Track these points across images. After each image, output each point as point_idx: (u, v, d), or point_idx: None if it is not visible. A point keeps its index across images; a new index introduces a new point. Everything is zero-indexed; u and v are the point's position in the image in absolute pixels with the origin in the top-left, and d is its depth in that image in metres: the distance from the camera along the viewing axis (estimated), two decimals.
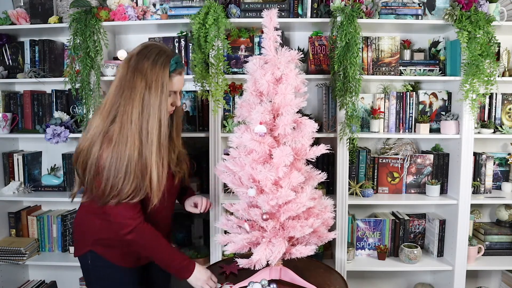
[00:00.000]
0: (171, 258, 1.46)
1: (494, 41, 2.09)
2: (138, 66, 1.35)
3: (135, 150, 1.32)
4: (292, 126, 1.42)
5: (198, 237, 2.47)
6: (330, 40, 2.19)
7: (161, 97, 1.34)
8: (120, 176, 1.32)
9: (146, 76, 1.33)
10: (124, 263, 1.52)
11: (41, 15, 2.26)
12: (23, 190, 2.43)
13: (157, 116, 1.34)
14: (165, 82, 1.35)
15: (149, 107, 1.33)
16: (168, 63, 1.37)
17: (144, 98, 1.32)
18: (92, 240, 1.50)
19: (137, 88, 1.33)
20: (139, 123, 1.33)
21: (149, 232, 1.43)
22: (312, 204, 1.44)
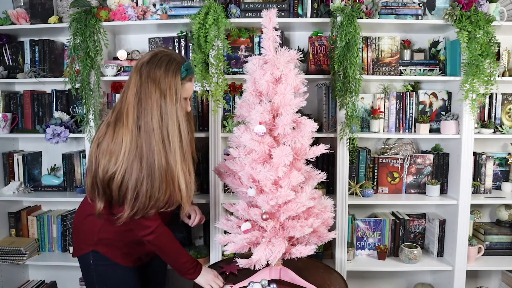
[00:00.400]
0: (184, 261, 1.51)
1: (494, 41, 2.09)
2: (150, 74, 1.35)
3: (162, 158, 1.34)
4: (291, 126, 1.42)
5: (198, 237, 2.47)
6: (330, 40, 2.19)
7: (177, 105, 1.36)
8: (156, 186, 1.34)
9: (160, 84, 1.34)
10: (125, 262, 1.54)
11: (41, 15, 2.26)
12: (23, 190, 2.43)
13: (176, 123, 1.36)
14: (178, 90, 1.37)
15: (167, 115, 1.34)
16: (179, 70, 1.38)
17: (161, 106, 1.34)
18: (95, 240, 1.51)
19: (153, 97, 1.34)
20: (160, 132, 1.34)
21: (167, 234, 1.47)
22: (312, 204, 1.44)
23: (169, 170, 1.35)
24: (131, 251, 1.55)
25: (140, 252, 1.59)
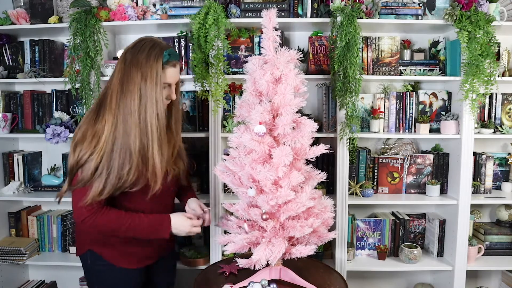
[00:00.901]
0: (142, 227, 1.43)
1: (494, 41, 2.09)
2: (133, 59, 1.39)
3: (137, 140, 1.35)
4: (291, 126, 1.42)
5: (198, 237, 2.47)
6: (330, 40, 2.19)
7: (156, 88, 1.38)
8: (127, 167, 1.35)
9: (141, 68, 1.37)
10: (123, 264, 1.51)
11: (41, 15, 2.26)
12: (23, 190, 2.43)
13: (154, 106, 1.37)
14: (159, 73, 1.38)
15: (146, 98, 1.36)
16: (161, 54, 1.40)
17: (141, 89, 1.36)
18: (90, 239, 1.50)
19: (134, 80, 1.36)
20: (137, 114, 1.36)
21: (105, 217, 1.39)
22: (312, 204, 1.44)
23: (143, 152, 1.36)
24: (130, 251, 1.51)
25: (141, 253, 1.54)
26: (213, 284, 1.61)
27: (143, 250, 1.54)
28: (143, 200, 1.44)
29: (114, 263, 1.50)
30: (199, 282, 1.62)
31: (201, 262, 2.31)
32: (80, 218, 1.38)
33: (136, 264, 1.55)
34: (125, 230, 1.41)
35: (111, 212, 1.41)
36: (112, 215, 1.40)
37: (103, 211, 1.39)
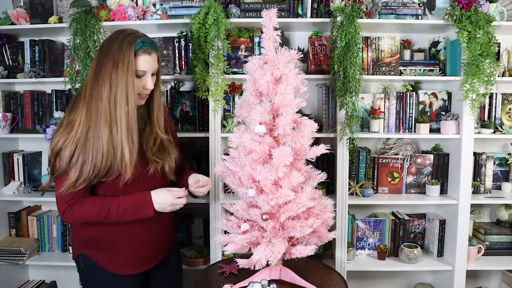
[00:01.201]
0: (124, 208, 1.40)
1: (494, 41, 2.09)
2: (108, 49, 1.38)
3: (107, 127, 1.34)
4: (291, 126, 1.42)
5: (198, 237, 2.47)
6: (330, 40, 2.19)
7: (127, 74, 1.35)
8: (100, 155, 1.34)
9: (113, 56, 1.36)
10: (116, 269, 1.47)
11: (41, 15, 2.26)
12: (23, 190, 2.43)
13: (125, 93, 1.35)
14: (131, 60, 1.36)
15: (117, 84, 1.35)
16: (134, 41, 1.37)
17: (111, 76, 1.35)
18: (81, 242, 1.48)
19: (106, 67, 1.35)
20: (107, 100, 1.35)
21: (85, 206, 1.38)
22: (312, 204, 1.44)
23: (111, 139, 1.35)
24: (125, 254, 1.47)
25: (138, 255, 1.49)
26: (213, 284, 1.61)
27: (139, 251, 1.50)
28: (127, 191, 1.41)
29: (108, 269, 1.46)
30: (199, 282, 1.62)
31: (201, 262, 2.31)
32: (61, 210, 1.39)
33: (132, 269, 1.50)
34: (108, 215, 1.39)
35: (90, 199, 1.40)
36: (91, 202, 1.39)
37: (82, 201, 1.39)
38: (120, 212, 1.40)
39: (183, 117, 2.37)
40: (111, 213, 1.39)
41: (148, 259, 1.54)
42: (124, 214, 1.40)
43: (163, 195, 1.45)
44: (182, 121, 2.37)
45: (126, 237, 1.47)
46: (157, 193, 1.45)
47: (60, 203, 1.39)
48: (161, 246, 1.59)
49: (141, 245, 1.50)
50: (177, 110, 2.38)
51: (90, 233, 1.46)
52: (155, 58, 1.44)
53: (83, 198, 1.39)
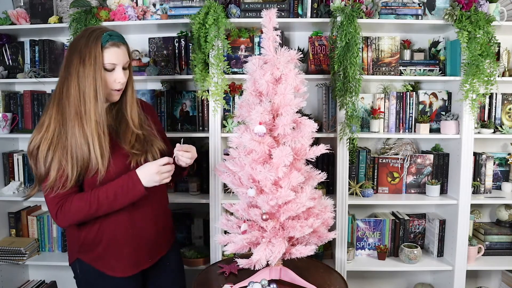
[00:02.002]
0: (114, 194, 1.37)
1: (494, 41, 2.09)
2: (75, 46, 1.36)
3: (76, 123, 1.33)
4: (291, 126, 1.42)
5: (198, 237, 2.47)
6: (330, 40, 2.19)
7: (95, 68, 1.33)
8: (74, 152, 1.33)
9: (80, 51, 1.34)
10: (113, 272, 1.45)
11: (41, 15, 2.26)
12: (23, 190, 2.43)
13: (93, 87, 1.33)
14: (98, 53, 1.34)
15: (84, 79, 1.33)
16: (100, 35, 1.36)
17: (79, 71, 1.33)
18: (77, 247, 1.46)
19: (74, 64, 1.34)
20: (77, 96, 1.33)
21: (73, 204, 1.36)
22: (312, 204, 1.44)
23: (84, 134, 1.33)
24: (121, 255, 1.45)
25: (135, 255, 1.48)
26: (213, 284, 1.61)
27: (135, 252, 1.48)
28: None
29: (105, 271, 1.44)
30: (199, 282, 1.62)
31: (201, 262, 2.31)
32: (53, 213, 1.37)
33: (130, 271, 1.48)
34: (99, 205, 1.36)
35: (77, 195, 1.37)
36: (78, 197, 1.36)
37: (70, 199, 1.36)
38: (111, 198, 1.36)
39: (183, 117, 2.37)
40: (101, 202, 1.36)
41: (144, 260, 1.52)
42: (115, 199, 1.37)
43: (147, 167, 1.40)
44: (182, 121, 2.37)
45: (122, 238, 1.45)
46: (141, 168, 1.40)
47: (50, 206, 1.37)
48: (157, 246, 1.57)
49: (137, 245, 1.48)
50: (177, 110, 2.38)
51: (85, 236, 1.44)
52: (124, 51, 1.41)
53: (71, 197, 1.37)
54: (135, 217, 1.47)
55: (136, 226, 1.47)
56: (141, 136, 1.48)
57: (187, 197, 2.32)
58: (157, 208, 1.55)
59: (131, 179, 1.38)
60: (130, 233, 1.47)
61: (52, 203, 1.36)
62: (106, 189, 1.37)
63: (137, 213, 1.47)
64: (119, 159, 1.42)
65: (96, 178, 1.37)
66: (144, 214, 1.49)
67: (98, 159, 1.34)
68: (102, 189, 1.37)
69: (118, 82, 1.40)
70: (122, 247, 1.46)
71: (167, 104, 2.35)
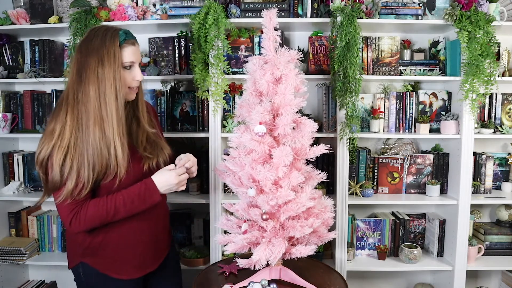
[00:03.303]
0: (131, 200, 1.35)
1: (494, 41, 2.09)
2: (89, 47, 1.33)
3: (97, 127, 1.30)
4: (292, 126, 1.42)
5: (198, 237, 2.47)
6: (330, 40, 2.19)
7: (114, 67, 1.32)
8: (94, 156, 1.29)
9: (98, 52, 1.31)
10: (119, 274, 1.43)
11: (41, 15, 2.26)
12: (23, 190, 2.43)
13: (113, 88, 1.31)
14: (117, 52, 1.32)
15: (104, 80, 1.30)
16: (117, 35, 1.34)
17: (98, 73, 1.30)
18: (81, 251, 1.43)
19: (91, 66, 1.30)
20: (96, 99, 1.30)
21: (89, 210, 1.32)
22: (312, 204, 1.44)
23: (105, 137, 1.31)
24: (128, 259, 1.44)
25: (140, 257, 1.46)
26: (213, 284, 1.61)
27: (142, 253, 1.47)
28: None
29: (110, 274, 1.42)
30: (199, 282, 1.62)
31: (201, 262, 2.31)
32: (66, 221, 1.32)
33: (137, 273, 1.47)
34: (116, 212, 1.34)
35: (92, 201, 1.34)
36: (94, 203, 1.33)
37: (85, 205, 1.33)
38: (128, 206, 1.35)
39: (183, 117, 2.37)
40: (118, 209, 1.35)
41: (150, 261, 1.52)
42: (131, 207, 1.36)
43: (165, 177, 1.40)
44: (182, 121, 2.37)
45: (129, 241, 1.44)
46: (158, 177, 1.40)
47: (63, 214, 1.32)
48: (161, 247, 1.57)
49: (143, 248, 1.48)
50: (177, 110, 2.38)
51: (91, 240, 1.42)
52: (138, 48, 1.42)
53: (86, 203, 1.34)
54: (141, 219, 1.45)
55: (142, 228, 1.47)
56: (151, 136, 1.48)
57: (187, 197, 2.32)
58: (159, 207, 1.54)
59: (149, 188, 1.38)
60: (137, 236, 1.46)
61: (67, 210, 1.31)
62: (122, 197, 1.35)
63: (143, 216, 1.44)
64: (135, 162, 1.41)
65: (114, 182, 1.35)
66: (149, 216, 1.47)
67: (119, 162, 1.32)
68: (119, 196, 1.35)
69: (137, 80, 1.40)
70: (129, 250, 1.45)
71: (167, 104, 2.36)
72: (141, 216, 1.43)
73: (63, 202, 1.30)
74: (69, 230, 1.37)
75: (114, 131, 1.31)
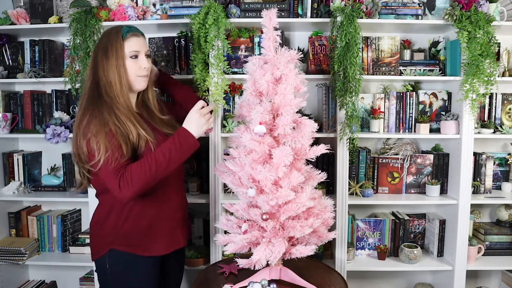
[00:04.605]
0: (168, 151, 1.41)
1: (494, 41, 2.09)
2: (99, 47, 1.50)
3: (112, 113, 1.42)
4: (291, 126, 1.42)
5: (198, 237, 2.47)
6: (330, 40, 2.19)
7: (117, 57, 1.45)
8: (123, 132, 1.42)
9: (104, 48, 1.47)
10: (150, 252, 1.51)
11: (41, 15, 2.26)
12: (23, 190, 2.43)
13: (117, 75, 1.45)
14: (119, 44, 1.46)
15: (108, 70, 1.46)
16: (120, 30, 1.48)
17: (104, 64, 1.46)
18: (111, 237, 1.50)
19: (99, 61, 1.47)
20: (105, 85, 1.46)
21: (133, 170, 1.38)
22: (312, 204, 1.44)
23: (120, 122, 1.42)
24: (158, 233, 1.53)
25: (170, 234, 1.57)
26: (213, 284, 1.61)
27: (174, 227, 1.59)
28: None
29: (142, 253, 1.50)
30: (199, 282, 1.62)
31: (201, 262, 2.31)
32: (116, 186, 1.37)
33: (166, 249, 1.56)
34: (158, 164, 1.38)
35: (134, 163, 1.39)
36: (136, 164, 1.39)
37: (128, 168, 1.38)
38: (167, 155, 1.40)
39: None
40: (159, 160, 1.39)
41: (180, 237, 1.62)
42: (170, 156, 1.40)
43: (189, 118, 1.46)
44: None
45: (163, 217, 1.55)
46: (185, 122, 1.46)
47: (111, 180, 1.37)
48: (186, 229, 1.69)
49: (176, 223, 1.60)
50: None
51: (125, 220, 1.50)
52: (144, 41, 1.54)
53: (129, 166, 1.39)
54: (172, 197, 1.59)
55: (174, 205, 1.60)
56: (165, 121, 1.61)
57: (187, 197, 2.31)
58: (181, 198, 1.68)
59: (180, 133, 1.44)
60: (171, 211, 1.58)
61: (112, 175, 1.37)
62: (160, 149, 1.41)
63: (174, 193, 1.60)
64: (161, 138, 1.50)
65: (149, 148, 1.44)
66: (176, 200, 1.61)
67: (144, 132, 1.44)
68: (157, 150, 1.41)
69: (144, 68, 1.51)
70: (163, 224, 1.55)
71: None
72: (173, 193, 1.58)
73: (106, 168, 1.37)
74: (121, 198, 1.40)
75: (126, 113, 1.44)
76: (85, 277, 2.48)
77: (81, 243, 2.45)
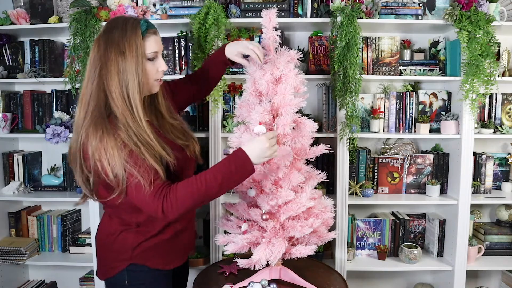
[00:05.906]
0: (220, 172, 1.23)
1: (494, 41, 2.09)
2: (108, 40, 1.24)
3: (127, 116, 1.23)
4: (291, 126, 1.42)
5: (198, 237, 2.47)
6: (330, 40, 2.19)
7: (137, 59, 1.24)
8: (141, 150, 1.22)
9: (118, 44, 1.23)
10: (167, 265, 1.39)
11: (41, 15, 2.26)
12: (23, 190, 2.43)
13: (137, 81, 1.24)
14: (139, 43, 1.25)
15: (126, 72, 1.23)
16: (138, 25, 1.26)
17: (119, 65, 1.23)
18: (129, 253, 1.35)
19: (112, 58, 1.23)
20: (120, 91, 1.23)
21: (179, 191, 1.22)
22: (312, 204, 1.44)
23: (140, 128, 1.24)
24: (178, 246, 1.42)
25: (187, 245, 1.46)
26: (213, 284, 1.61)
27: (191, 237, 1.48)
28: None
29: (154, 267, 1.36)
30: (199, 282, 1.63)
31: (201, 262, 2.31)
32: (158, 209, 1.20)
33: (180, 261, 1.44)
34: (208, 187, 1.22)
35: (181, 183, 1.23)
36: (182, 184, 1.22)
37: (172, 188, 1.22)
38: (219, 180, 1.22)
39: (183, 117, 2.37)
40: (209, 183, 1.22)
41: (191, 247, 1.52)
42: (222, 181, 1.23)
43: (255, 143, 1.26)
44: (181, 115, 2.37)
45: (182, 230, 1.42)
46: (247, 144, 1.27)
47: (153, 203, 1.20)
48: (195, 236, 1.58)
49: (191, 233, 1.49)
50: None
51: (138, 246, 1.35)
52: (160, 38, 1.34)
53: (173, 186, 1.23)
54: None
55: (188, 217, 1.44)
56: (176, 126, 1.42)
57: None
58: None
59: (238, 155, 1.25)
60: (187, 223, 1.44)
61: (152, 200, 1.20)
62: (212, 170, 1.24)
63: None
64: (178, 151, 1.34)
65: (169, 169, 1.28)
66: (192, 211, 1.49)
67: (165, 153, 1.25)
68: (208, 172, 1.24)
69: (161, 71, 1.32)
70: (183, 238, 1.43)
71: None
72: None
73: (143, 191, 1.20)
74: (164, 219, 1.27)
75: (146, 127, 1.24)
76: (85, 277, 2.48)
77: (81, 243, 2.45)
